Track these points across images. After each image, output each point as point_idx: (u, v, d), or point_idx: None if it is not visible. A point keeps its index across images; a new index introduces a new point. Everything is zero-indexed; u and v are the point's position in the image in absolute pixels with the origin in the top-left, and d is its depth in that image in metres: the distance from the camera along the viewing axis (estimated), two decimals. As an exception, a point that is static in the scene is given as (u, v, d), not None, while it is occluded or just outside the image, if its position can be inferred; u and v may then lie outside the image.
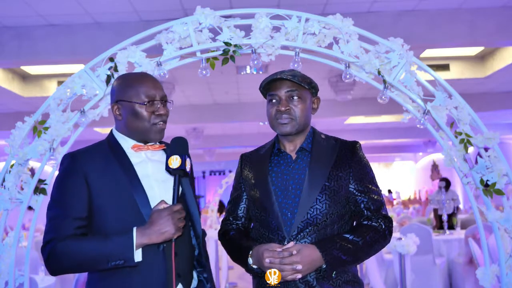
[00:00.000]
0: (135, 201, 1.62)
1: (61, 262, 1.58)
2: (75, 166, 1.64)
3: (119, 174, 1.64)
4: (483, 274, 2.34)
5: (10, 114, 9.04)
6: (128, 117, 1.69)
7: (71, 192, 1.62)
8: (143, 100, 1.67)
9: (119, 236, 1.57)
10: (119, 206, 1.62)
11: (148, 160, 1.72)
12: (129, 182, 1.63)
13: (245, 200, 1.95)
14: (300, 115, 1.82)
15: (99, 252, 1.55)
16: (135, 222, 1.60)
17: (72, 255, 1.57)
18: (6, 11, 4.90)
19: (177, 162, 1.61)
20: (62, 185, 1.64)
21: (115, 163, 1.66)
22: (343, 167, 1.83)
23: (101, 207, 1.63)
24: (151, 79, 1.74)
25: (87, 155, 1.68)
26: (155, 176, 1.69)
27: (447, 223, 6.48)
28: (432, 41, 5.38)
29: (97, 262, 1.56)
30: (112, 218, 1.62)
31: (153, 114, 1.68)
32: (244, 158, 1.99)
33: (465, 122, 2.34)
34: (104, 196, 1.62)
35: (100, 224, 1.63)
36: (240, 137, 13.57)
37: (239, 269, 7.59)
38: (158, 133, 1.71)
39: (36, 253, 5.05)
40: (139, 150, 1.71)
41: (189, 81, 7.88)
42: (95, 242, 1.58)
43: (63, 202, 1.62)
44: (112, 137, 1.74)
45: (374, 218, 1.81)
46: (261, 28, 2.34)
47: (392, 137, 13.82)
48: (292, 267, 1.65)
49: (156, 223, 1.56)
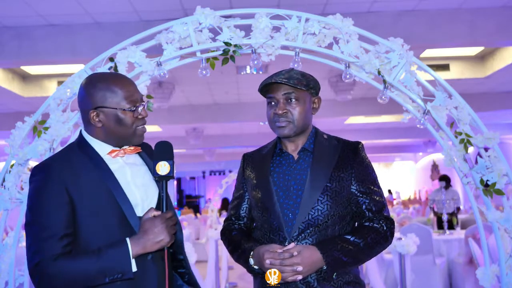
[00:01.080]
0: (121, 210, 1.55)
1: (55, 283, 1.46)
2: (52, 177, 1.50)
3: (100, 183, 1.54)
4: (483, 274, 2.34)
5: (10, 114, 9.04)
6: (109, 124, 1.59)
7: (53, 206, 1.49)
8: (127, 107, 1.58)
9: (113, 249, 1.48)
10: (105, 216, 1.53)
11: (125, 165, 1.64)
12: (114, 190, 1.55)
13: (247, 200, 1.94)
14: (298, 117, 1.80)
15: (95, 269, 1.46)
16: (122, 232, 1.54)
17: (67, 275, 1.46)
18: (6, 11, 4.90)
19: (166, 169, 1.58)
20: (42, 200, 1.49)
21: (94, 171, 1.56)
22: (345, 168, 1.82)
23: (86, 219, 1.52)
24: (129, 81, 1.64)
25: (62, 163, 1.55)
26: (134, 181, 1.63)
27: (447, 223, 6.48)
28: (432, 41, 5.38)
29: (93, 278, 1.46)
30: (98, 229, 1.53)
31: (136, 119, 1.61)
32: (246, 158, 1.99)
33: (465, 122, 2.34)
34: (88, 207, 1.51)
35: (86, 236, 1.52)
36: (240, 137, 13.57)
37: (239, 269, 7.60)
38: (140, 137, 1.66)
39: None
40: (116, 156, 1.62)
41: (189, 81, 7.88)
42: (89, 259, 1.47)
43: (46, 219, 1.48)
44: (84, 142, 1.63)
45: (375, 219, 1.80)
46: (261, 28, 2.34)
47: (392, 137, 13.83)
48: (292, 268, 1.65)
49: (151, 232, 1.51)
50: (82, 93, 1.62)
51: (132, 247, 1.49)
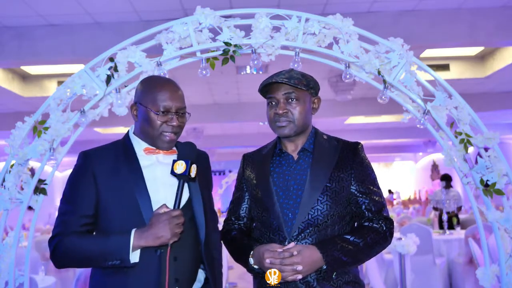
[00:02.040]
0: (137, 203, 1.64)
1: (63, 257, 1.65)
2: (86, 165, 1.69)
3: (126, 176, 1.67)
4: (483, 274, 2.34)
5: (10, 114, 9.04)
6: (141, 120, 1.73)
7: (80, 190, 1.68)
8: (157, 110, 1.69)
9: (117, 236, 1.61)
10: (122, 207, 1.66)
11: (158, 164, 1.74)
12: (135, 184, 1.66)
13: (247, 200, 1.95)
14: (298, 117, 1.81)
15: (98, 250, 1.60)
16: (135, 224, 1.63)
17: (74, 251, 1.63)
18: (6, 11, 4.90)
19: (182, 168, 1.62)
20: (73, 183, 1.71)
21: (124, 164, 1.69)
22: (345, 168, 1.83)
23: (106, 207, 1.67)
24: (172, 89, 1.73)
25: (99, 154, 1.72)
26: (163, 179, 1.71)
27: (447, 223, 6.48)
28: (432, 41, 5.38)
29: (95, 259, 1.62)
30: (115, 218, 1.66)
31: (165, 124, 1.70)
32: (246, 158, 1.99)
33: (465, 122, 2.34)
34: (110, 196, 1.66)
35: (105, 224, 1.68)
36: (240, 137, 13.58)
37: (239, 269, 7.60)
38: (166, 143, 1.73)
39: (36, 253, 5.05)
40: (150, 154, 1.74)
41: (189, 81, 7.88)
42: (95, 241, 1.65)
43: (72, 199, 1.68)
44: (127, 139, 1.78)
45: (375, 219, 1.81)
46: (261, 28, 2.33)
47: (392, 137, 13.82)
48: (292, 268, 1.65)
49: (155, 226, 1.58)
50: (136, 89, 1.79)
51: (135, 238, 1.59)
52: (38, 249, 5.60)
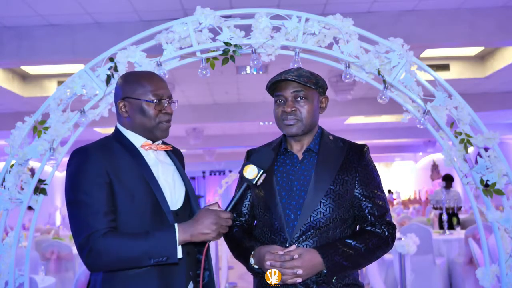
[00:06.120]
0: (155, 198, 1.61)
1: (102, 258, 1.51)
2: (93, 159, 1.58)
3: (137, 171, 1.63)
4: (483, 274, 2.34)
5: (10, 114, 9.03)
6: (134, 114, 1.70)
7: (95, 186, 1.55)
8: (151, 99, 1.68)
9: (161, 232, 1.54)
10: (139, 203, 1.60)
11: (158, 162, 1.73)
12: (149, 179, 1.63)
13: (249, 197, 1.93)
14: (307, 116, 1.79)
15: (141, 249, 1.51)
16: (154, 219, 1.60)
17: (114, 252, 1.51)
18: (6, 11, 4.89)
19: (252, 174, 1.62)
20: (83, 179, 1.56)
21: (131, 159, 1.65)
22: (350, 171, 1.81)
23: (122, 203, 1.58)
24: (159, 78, 1.76)
25: (101, 148, 1.64)
26: (164, 178, 1.71)
27: (447, 223, 6.48)
28: (432, 41, 5.37)
29: (138, 259, 1.52)
30: (132, 214, 1.59)
31: (160, 113, 1.70)
32: (250, 154, 1.97)
33: (465, 122, 2.34)
34: (124, 191, 1.58)
35: (122, 220, 1.58)
36: (240, 137, 13.56)
37: (239, 269, 7.60)
38: (163, 131, 1.73)
39: (36, 253, 5.05)
40: (149, 149, 1.72)
41: (189, 81, 7.88)
42: (136, 239, 1.52)
43: (88, 197, 1.54)
44: (120, 134, 1.73)
45: (377, 224, 1.79)
46: (261, 28, 2.33)
47: (392, 137, 13.81)
48: (292, 271, 1.64)
49: (201, 222, 1.55)
50: (116, 86, 1.75)
51: (179, 233, 1.53)
52: (38, 249, 5.60)
